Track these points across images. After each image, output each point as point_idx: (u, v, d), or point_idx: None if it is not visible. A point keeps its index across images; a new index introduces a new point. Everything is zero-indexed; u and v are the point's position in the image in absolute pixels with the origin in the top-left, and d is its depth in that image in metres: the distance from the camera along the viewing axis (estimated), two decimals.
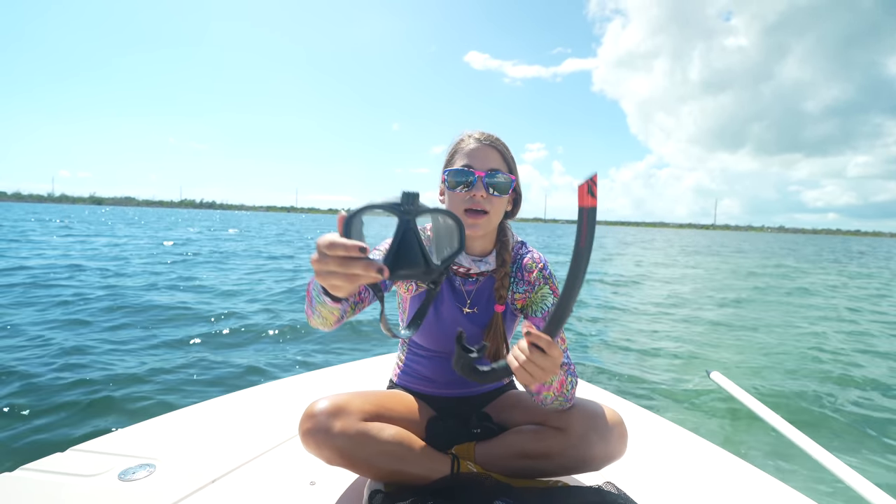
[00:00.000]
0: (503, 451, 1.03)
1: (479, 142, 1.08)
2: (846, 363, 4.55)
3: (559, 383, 0.95)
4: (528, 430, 1.03)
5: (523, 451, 1.01)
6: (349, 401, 0.97)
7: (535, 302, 1.11)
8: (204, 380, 3.36)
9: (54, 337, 4.14)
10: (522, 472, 1.02)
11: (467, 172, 1.04)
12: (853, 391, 3.74)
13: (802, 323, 6.57)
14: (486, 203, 1.04)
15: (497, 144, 1.09)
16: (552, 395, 0.96)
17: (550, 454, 0.99)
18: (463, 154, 1.08)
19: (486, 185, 1.04)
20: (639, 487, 1.14)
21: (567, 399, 0.99)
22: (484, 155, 1.06)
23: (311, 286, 0.88)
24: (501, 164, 1.08)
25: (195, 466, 1.20)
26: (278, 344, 4.39)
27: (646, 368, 4.20)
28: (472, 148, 1.07)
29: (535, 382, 0.78)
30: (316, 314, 0.89)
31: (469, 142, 1.09)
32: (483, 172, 1.04)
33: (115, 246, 13.80)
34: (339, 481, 1.14)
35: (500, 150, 1.09)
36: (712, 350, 4.97)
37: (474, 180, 1.04)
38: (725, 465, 1.31)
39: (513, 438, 1.04)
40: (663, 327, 6.03)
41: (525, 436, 1.02)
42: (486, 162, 1.06)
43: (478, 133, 1.10)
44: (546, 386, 0.94)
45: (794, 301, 8.70)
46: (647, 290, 9.99)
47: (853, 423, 3.10)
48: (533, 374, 0.77)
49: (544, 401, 0.98)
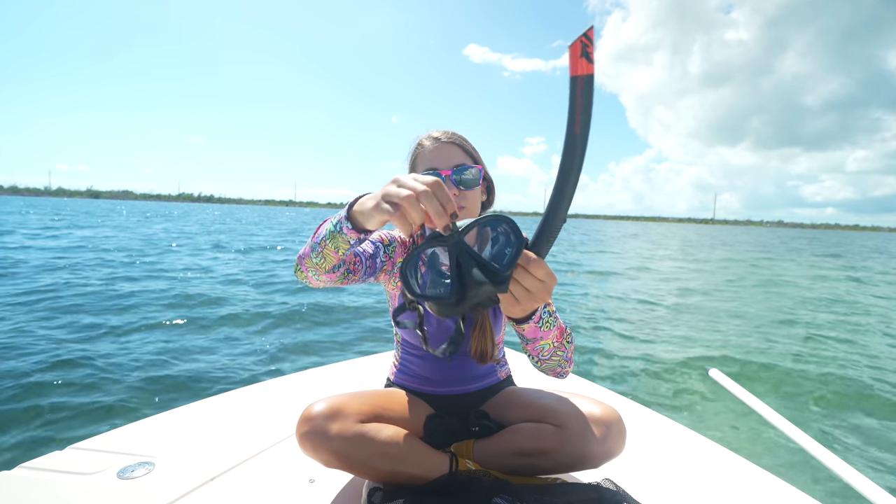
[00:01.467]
0: (501, 448, 1.03)
1: (437, 141, 1.07)
2: (848, 362, 4.55)
3: (558, 330, 0.93)
4: (526, 428, 1.03)
5: (521, 448, 1.01)
6: (346, 403, 0.97)
7: None
8: (203, 378, 3.36)
9: (52, 335, 4.14)
10: (521, 470, 1.02)
11: (433, 174, 1.03)
12: (854, 389, 3.74)
13: (805, 319, 6.58)
14: (460, 200, 1.04)
15: (455, 139, 1.08)
16: (550, 344, 0.93)
17: (548, 451, 0.98)
18: (424, 157, 1.07)
19: (455, 183, 1.03)
20: (637, 484, 1.15)
21: (566, 357, 0.97)
22: (446, 153, 1.05)
23: (324, 224, 0.86)
24: (465, 158, 1.07)
25: (194, 464, 1.20)
26: (277, 342, 4.39)
27: (645, 365, 4.21)
28: (431, 149, 1.06)
29: (521, 310, 0.73)
30: (316, 250, 0.86)
31: (427, 143, 1.08)
32: (449, 171, 1.03)
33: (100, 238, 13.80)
34: (339, 479, 1.14)
35: (460, 144, 1.08)
36: (712, 347, 4.97)
37: (442, 180, 1.03)
38: (724, 462, 1.31)
39: (511, 436, 1.04)
40: (663, 324, 6.04)
41: (523, 433, 1.02)
42: (449, 159, 1.05)
43: (434, 132, 1.10)
44: (543, 331, 0.90)
45: (797, 296, 8.71)
46: (646, 285, 9.99)
47: (850, 419, 3.11)
48: (518, 297, 0.71)
49: (541, 352, 0.95)
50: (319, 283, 0.93)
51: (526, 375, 1.88)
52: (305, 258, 0.89)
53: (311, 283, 0.93)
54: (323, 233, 0.85)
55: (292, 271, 8.25)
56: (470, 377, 1.20)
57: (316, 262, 0.88)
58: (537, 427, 1.02)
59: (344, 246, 0.84)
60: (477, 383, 1.21)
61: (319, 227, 0.88)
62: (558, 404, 1.03)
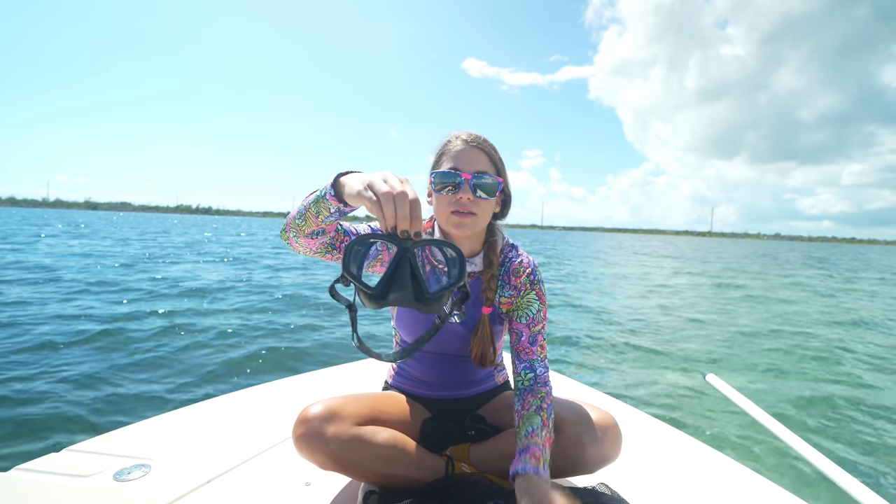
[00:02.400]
0: (497, 452, 1.03)
1: (466, 143, 1.07)
2: (843, 371, 4.56)
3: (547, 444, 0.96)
4: None
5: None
6: (343, 405, 0.97)
7: (520, 307, 1.10)
8: (199, 381, 3.35)
9: (49, 337, 4.12)
10: None
11: (454, 175, 1.03)
12: (849, 394, 3.75)
13: (803, 328, 6.58)
14: (472, 205, 1.03)
15: (484, 146, 1.08)
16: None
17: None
18: (450, 156, 1.07)
19: (472, 188, 1.03)
20: (633, 489, 1.15)
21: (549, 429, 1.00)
22: (471, 157, 1.05)
23: (315, 192, 0.88)
24: (489, 167, 1.07)
25: (190, 467, 1.20)
26: (273, 346, 4.38)
27: (641, 370, 4.21)
28: (458, 150, 1.06)
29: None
30: (301, 212, 0.88)
31: (456, 143, 1.08)
32: (470, 175, 1.03)
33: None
34: (334, 482, 1.14)
35: (488, 152, 1.08)
36: (708, 352, 4.98)
37: (461, 183, 1.03)
38: (720, 467, 1.31)
39: (507, 440, 1.04)
40: (659, 329, 6.04)
41: None
42: (473, 164, 1.05)
43: (465, 134, 1.09)
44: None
45: (794, 306, 8.72)
46: (643, 292, 10.00)
47: (848, 426, 3.12)
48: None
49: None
50: (299, 246, 0.94)
51: None
52: (290, 220, 0.91)
53: (292, 245, 0.95)
54: (311, 198, 0.87)
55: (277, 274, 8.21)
56: (467, 381, 1.20)
57: (297, 224, 0.89)
58: None
59: (325, 213, 0.85)
60: (474, 388, 1.21)
61: (311, 194, 0.89)
62: (555, 409, 1.03)
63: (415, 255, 0.71)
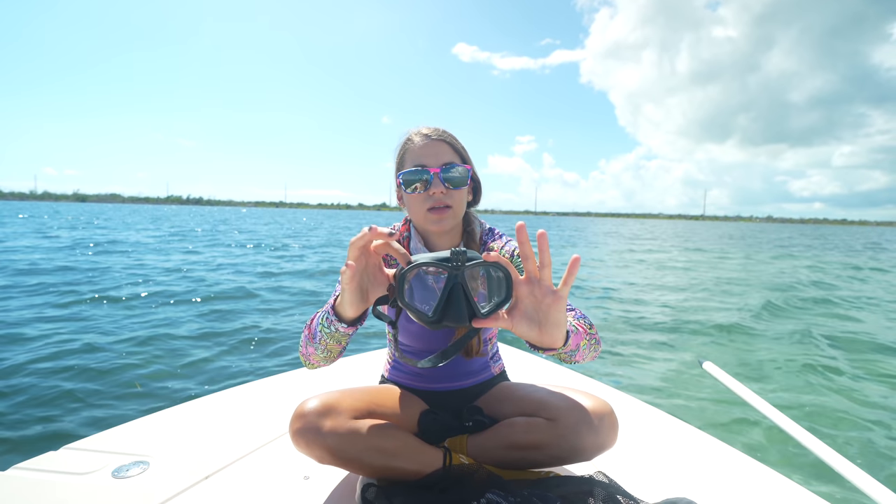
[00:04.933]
0: (495, 443, 1.04)
1: (427, 138, 1.06)
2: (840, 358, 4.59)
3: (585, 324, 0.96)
4: (519, 422, 1.04)
5: (515, 442, 1.02)
6: (339, 399, 0.97)
7: None
8: (196, 377, 3.36)
9: (47, 334, 4.12)
10: (514, 464, 1.03)
11: (421, 171, 1.02)
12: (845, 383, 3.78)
13: (802, 316, 6.62)
14: (446, 198, 1.03)
15: (445, 137, 1.07)
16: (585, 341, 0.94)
17: (541, 445, 0.99)
18: (413, 153, 1.06)
19: (443, 181, 1.02)
20: (630, 477, 1.16)
21: (597, 340, 1.00)
22: (435, 150, 1.05)
23: (313, 321, 0.91)
24: (454, 157, 1.06)
25: (189, 463, 1.20)
26: (270, 341, 4.39)
27: (637, 357, 4.23)
28: (421, 146, 1.05)
29: (551, 336, 0.79)
30: (320, 348, 0.91)
31: (416, 140, 1.07)
32: (438, 168, 1.02)
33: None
34: (333, 476, 1.14)
35: (450, 142, 1.07)
36: (705, 339, 5.01)
37: (430, 178, 1.02)
38: (717, 454, 1.32)
39: (504, 430, 1.04)
40: (656, 316, 6.07)
41: (516, 428, 1.03)
42: (438, 157, 1.04)
43: (424, 129, 1.09)
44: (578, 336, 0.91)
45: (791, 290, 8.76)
46: (639, 277, 10.04)
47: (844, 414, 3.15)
48: (540, 324, 0.78)
49: (585, 353, 0.95)
50: (339, 359, 0.98)
51: (520, 370, 1.89)
52: (309, 359, 0.95)
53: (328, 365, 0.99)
54: (315, 334, 0.90)
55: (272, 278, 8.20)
56: (463, 373, 1.21)
57: (323, 356, 0.93)
58: (530, 421, 1.02)
59: (345, 338, 0.89)
60: (471, 379, 1.21)
61: (310, 325, 0.93)
62: (551, 398, 1.04)
63: (465, 280, 0.75)
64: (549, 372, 1.94)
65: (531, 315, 0.79)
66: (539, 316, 0.79)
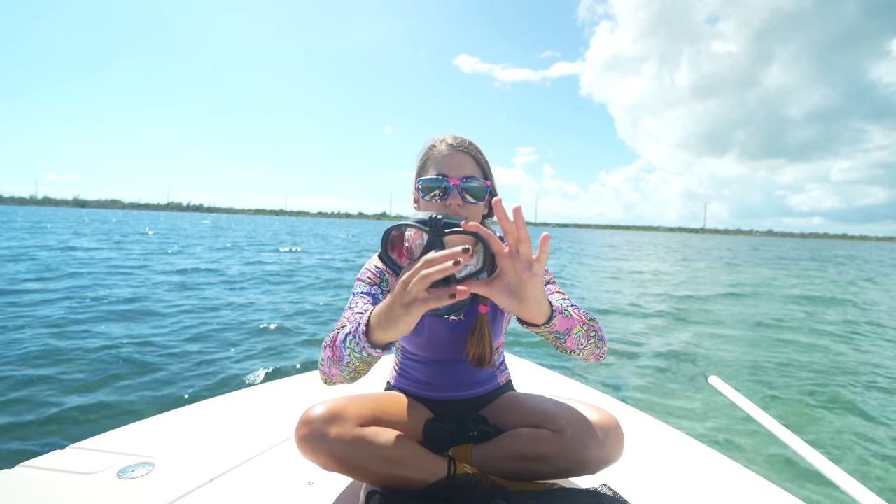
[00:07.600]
0: (500, 453, 1.03)
1: (451, 147, 1.06)
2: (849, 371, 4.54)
3: (581, 312, 0.94)
4: (524, 433, 1.03)
5: (520, 453, 1.01)
6: (345, 406, 0.97)
7: None
8: (203, 379, 3.36)
9: (51, 335, 4.14)
10: (519, 475, 1.02)
11: (441, 181, 1.02)
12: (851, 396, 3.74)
13: (804, 328, 6.56)
14: (462, 211, 1.03)
15: (470, 149, 1.06)
16: (581, 330, 0.92)
17: (546, 457, 0.99)
18: (436, 161, 1.06)
19: (461, 193, 1.02)
20: (635, 491, 1.15)
21: (599, 336, 0.97)
22: (458, 162, 1.04)
23: (335, 342, 0.88)
24: (476, 170, 1.05)
25: (194, 465, 1.21)
26: (277, 345, 4.40)
27: (643, 371, 4.20)
28: (444, 154, 1.05)
29: (531, 310, 0.80)
30: (347, 370, 0.89)
31: (441, 147, 1.06)
32: (458, 181, 1.02)
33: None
34: (337, 482, 1.14)
35: (474, 155, 1.07)
36: (711, 353, 4.96)
37: (449, 189, 1.02)
38: (722, 469, 1.31)
39: (509, 441, 1.04)
40: (661, 330, 6.03)
41: (521, 438, 1.02)
42: (460, 169, 1.04)
43: (450, 138, 1.08)
44: (570, 319, 0.89)
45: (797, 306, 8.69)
46: (644, 290, 9.98)
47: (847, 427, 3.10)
48: (519, 293, 0.79)
49: (579, 342, 0.93)
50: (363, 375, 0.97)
51: (526, 381, 1.88)
52: (334, 378, 0.93)
53: (352, 382, 0.98)
54: (342, 357, 0.87)
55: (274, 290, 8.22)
56: (470, 382, 1.20)
57: (350, 377, 0.92)
58: (535, 432, 1.02)
59: (375, 360, 0.88)
60: (476, 388, 1.21)
61: (334, 346, 0.89)
62: (557, 409, 1.03)
63: (443, 244, 0.80)
64: (555, 383, 1.93)
65: (513, 288, 0.79)
66: (519, 290, 0.79)
